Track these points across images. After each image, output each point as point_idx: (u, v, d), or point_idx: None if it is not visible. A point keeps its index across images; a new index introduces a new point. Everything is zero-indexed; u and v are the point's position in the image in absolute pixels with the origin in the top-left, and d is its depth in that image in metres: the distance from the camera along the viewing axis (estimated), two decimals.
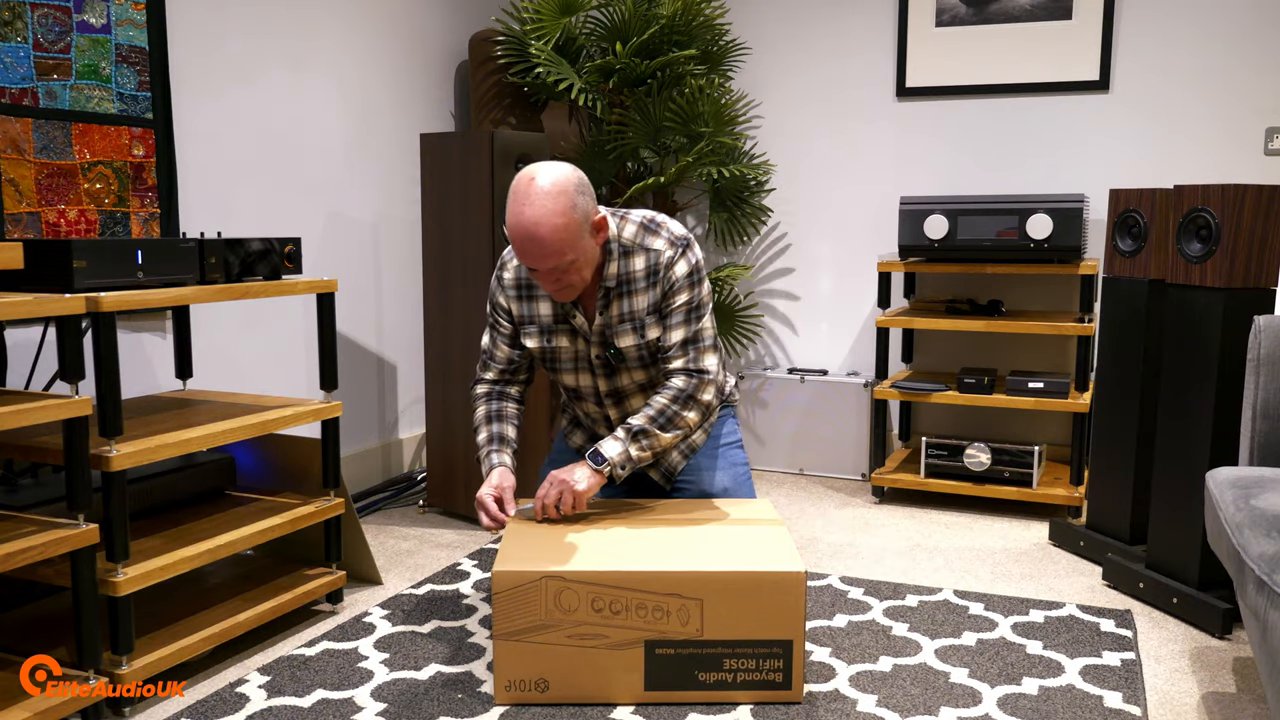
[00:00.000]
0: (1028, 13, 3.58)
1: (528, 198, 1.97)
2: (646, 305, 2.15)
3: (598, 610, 1.95)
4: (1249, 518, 1.74)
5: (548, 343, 2.23)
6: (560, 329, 2.21)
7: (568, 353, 2.23)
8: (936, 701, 2.01)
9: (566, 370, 2.26)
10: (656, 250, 2.13)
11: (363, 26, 3.35)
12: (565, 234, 1.98)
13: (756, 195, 3.82)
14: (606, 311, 2.16)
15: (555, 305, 2.20)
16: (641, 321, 2.16)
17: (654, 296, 2.15)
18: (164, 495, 2.37)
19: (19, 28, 2.32)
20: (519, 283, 2.23)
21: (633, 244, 2.14)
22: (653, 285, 2.15)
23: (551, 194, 1.97)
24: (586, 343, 2.21)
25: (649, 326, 2.16)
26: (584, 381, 2.27)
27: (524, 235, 1.97)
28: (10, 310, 1.74)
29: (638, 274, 2.14)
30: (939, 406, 3.81)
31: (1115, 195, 2.82)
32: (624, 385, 2.25)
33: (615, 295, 2.15)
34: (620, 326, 2.17)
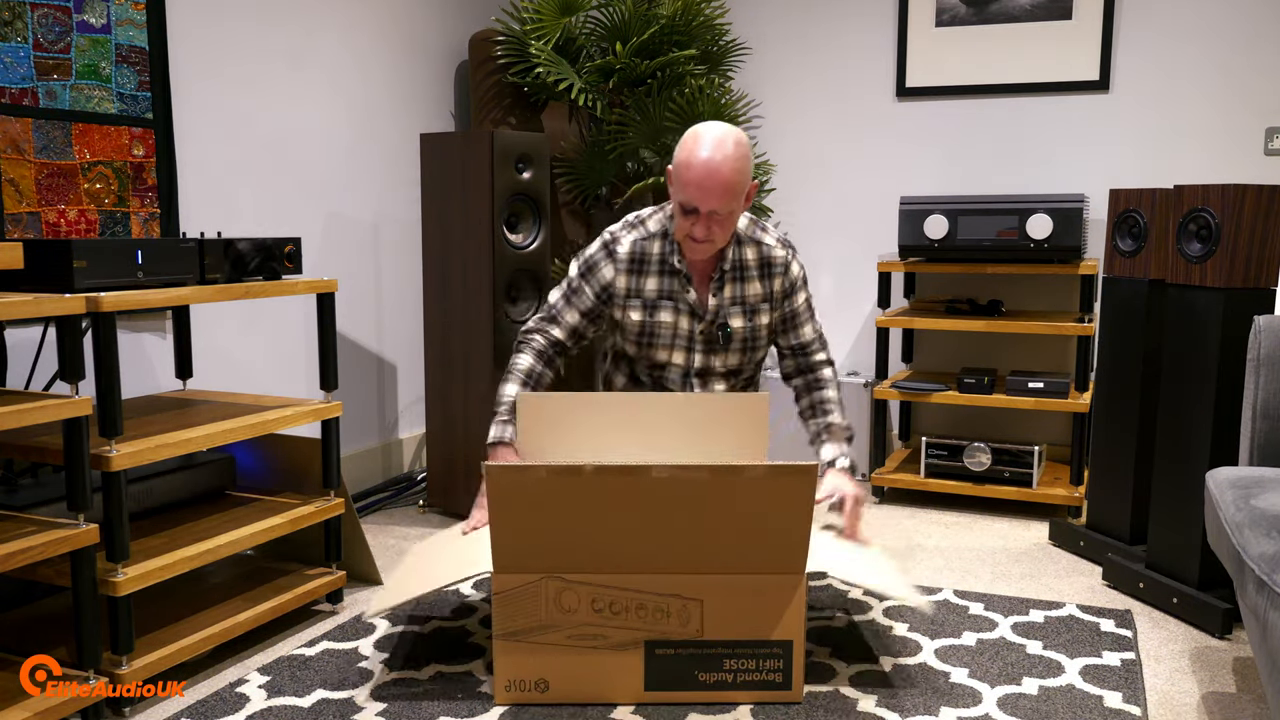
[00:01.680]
0: (1027, 13, 3.58)
1: (711, 143, 2.11)
2: (759, 293, 2.31)
3: (598, 610, 1.95)
4: (1249, 518, 1.74)
5: (650, 317, 2.30)
6: (664, 304, 2.29)
7: (668, 328, 2.30)
8: (936, 701, 2.01)
9: (662, 346, 2.32)
10: (769, 245, 2.31)
11: (363, 26, 3.35)
12: (740, 178, 2.13)
13: (756, 195, 3.82)
14: (720, 293, 2.29)
15: (663, 281, 2.29)
16: (754, 307, 2.31)
17: (767, 288, 2.31)
18: (164, 495, 2.37)
19: (19, 28, 2.32)
20: (634, 255, 2.29)
21: (745, 235, 2.30)
22: (766, 277, 2.31)
23: (734, 141, 2.13)
24: (695, 319, 2.30)
25: (760, 313, 2.32)
26: (677, 358, 2.33)
27: (707, 169, 2.09)
28: (10, 310, 1.74)
29: (750, 262, 2.30)
30: (939, 406, 3.81)
31: (1115, 195, 2.82)
32: (715, 365, 2.34)
33: (730, 279, 2.29)
34: (732, 309, 2.30)
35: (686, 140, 2.14)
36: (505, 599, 1.94)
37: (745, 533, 1.91)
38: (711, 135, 2.12)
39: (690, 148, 2.12)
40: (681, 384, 2.35)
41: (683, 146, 2.14)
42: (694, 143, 2.12)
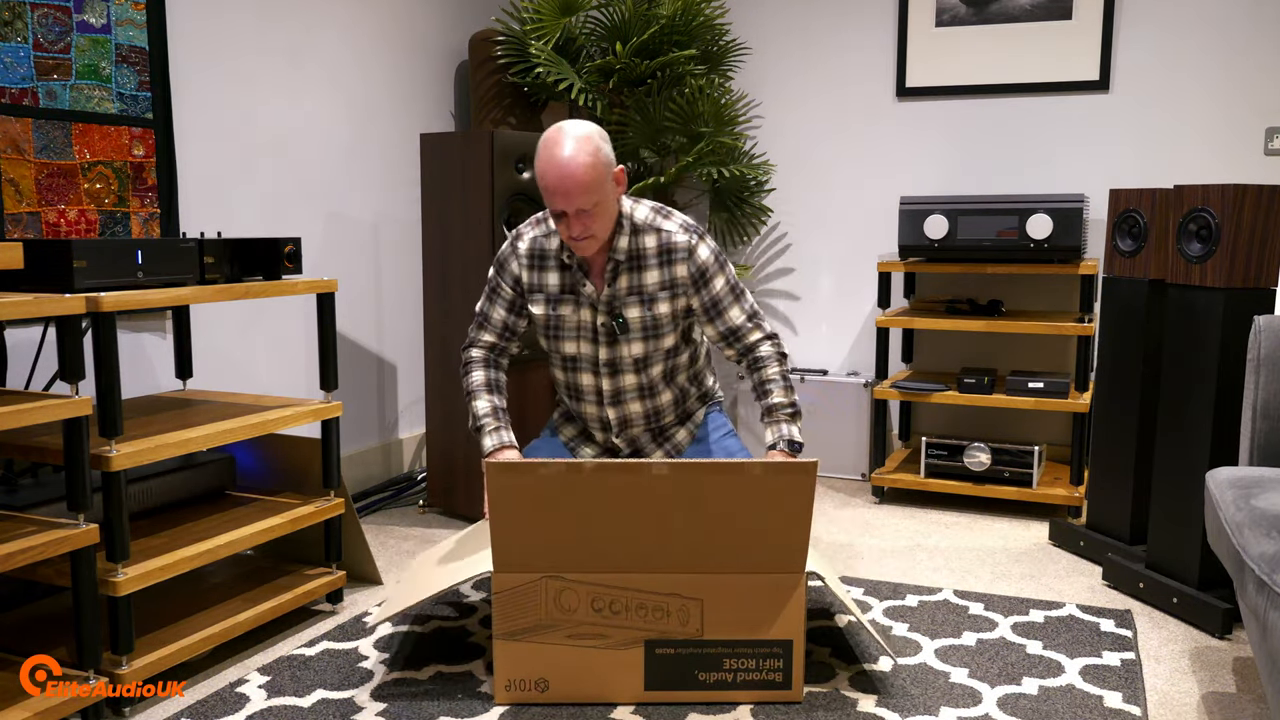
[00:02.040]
0: (1028, 13, 3.58)
1: (558, 142, 2.11)
2: (657, 281, 2.26)
3: (597, 610, 1.95)
4: (1249, 518, 1.74)
5: (553, 310, 2.31)
6: (566, 298, 2.30)
7: (570, 321, 2.31)
8: (936, 701, 2.01)
9: (568, 338, 2.33)
10: (669, 231, 2.25)
11: (363, 26, 3.35)
12: (594, 172, 2.10)
13: (756, 195, 3.82)
14: (615, 283, 2.26)
15: (562, 276, 2.29)
16: (651, 296, 2.26)
17: (667, 275, 2.25)
18: (164, 495, 2.37)
19: (19, 28, 2.32)
20: (534, 252, 2.30)
21: (645, 224, 2.26)
22: (666, 264, 2.25)
23: (580, 137, 2.11)
24: (593, 311, 2.28)
25: (659, 301, 2.26)
26: (584, 349, 2.33)
27: (558, 173, 2.09)
28: (10, 310, 1.74)
29: (648, 251, 2.25)
30: (939, 406, 3.81)
31: (1115, 195, 2.82)
32: (622, 356, 2.31)
33: (624, 269, 2.25)
34: (628, 298, 2.27)
35: (538, 147, 2.14)
36: (505, 598, 1.94)
37: (745, 531, 1.91)
38: (558, 136, 2.11)
39: (541, 155, 2.12)
40: (593, 375, 2.34)
41: (536, 154, 2.14)
42: (543, 149, 2.12)
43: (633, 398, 2.35)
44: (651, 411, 2.39)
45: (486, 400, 2.31)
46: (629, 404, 2.36)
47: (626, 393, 2.35)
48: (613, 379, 2.33)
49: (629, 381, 2.34)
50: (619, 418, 2.37)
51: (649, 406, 2.38)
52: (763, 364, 2.29)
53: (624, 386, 2.34)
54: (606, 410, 2.36)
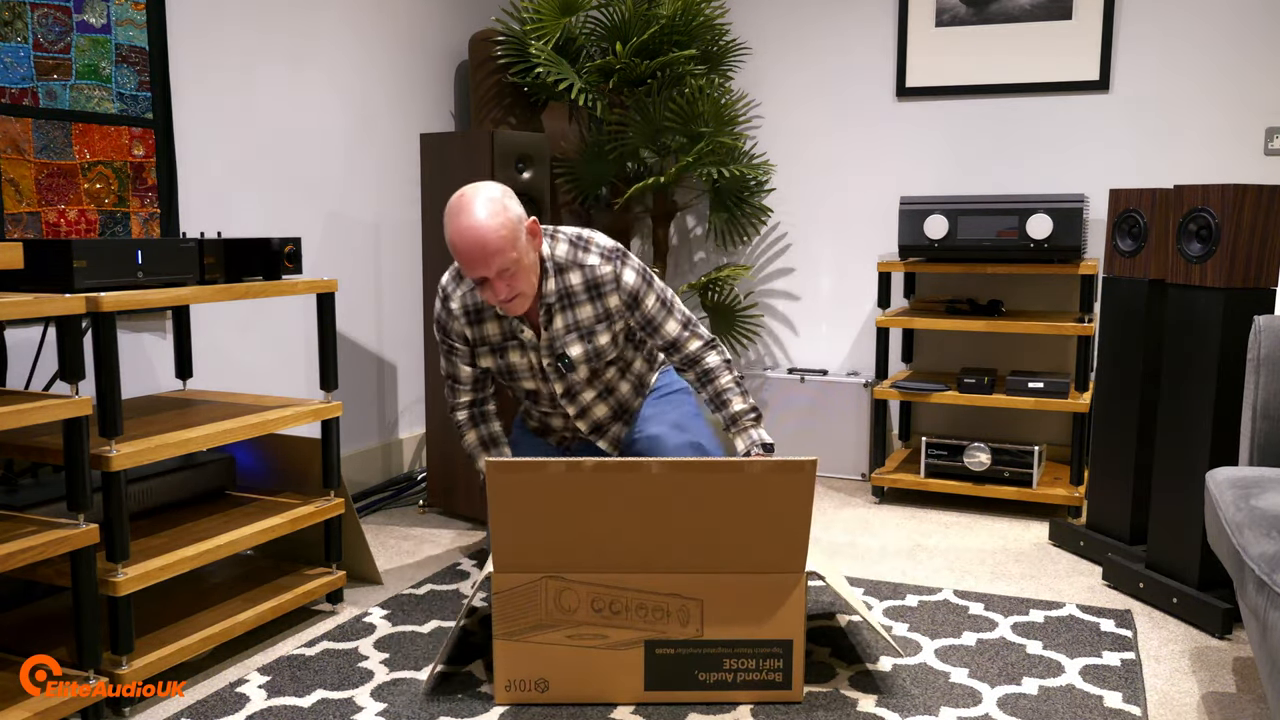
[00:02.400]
0: (1027, 13, 3.58)
1: (464, 209, 2.11)
2: (592, 315, 2.31)
3: (597, 610, 1.95)
4: (1249, 518, 1.74)
5: (501, 359, 2.38)
6: (510, 345, 2.36)
7: (522, 364, 2.38)
8: (936, 701, 2.01)
9: (524, 379, 2.41)
10: (591, 266, 2.28)
11: (363, 26, 3.35)
12: (505, 232, 2.10)
13: (756, 195, 3.82)
14: (551, 325, 2.31)
15: (502, 324, 2.34)
16: (590, 330, 2.32)
17: (600, 308, 2.30)
18: (164, 495, 2.37)
19: (19, 28, 2.32)
20: (466, 309, 2.34)
21: (566, 261, 2.28)
22: (596, 298, 2.29)
23: (484, 201, 2.12)
24: (536, 354, 2.35)
25: (598, 334, 2.32)
26: (542, 387, 2.41)
27: (470, 241, 2.09)
28: (10, 310, 1.74)
29: (576, 288, 2.29)
30: (939, 406, 3.81)
31: (1115, 195, 2.82)
32: (575, 382, 2.40)
33: (557, 309, 2.30)
34: (567, 337, 2.32)
35: (447, 218, 2.13)
36: (505, 599, 1.94)
37: (745, 530, 1.91)
38: (463, 203, 2.11)
39: (451, 226, 2.11)
40: (552, 406, 2.44)
41: (447, 226, 2.13)
42: (452, 219, 2.11)
43: (595, 402, 2.45)
44: (616, 405, 2.48)
45: (483, 453, 2.47)
46: (594, 410, 2.46)
47: (589, 403, 2.45)
48: (573, 400, 2.43)
49: (589, 395, 2.44)
50: (589, 424, 2.47)
51: (612, 403, 2.47)
52: (713, 375, 2.33)
53: (586, 400, 2.44)
54: (575, 423, 2.47)
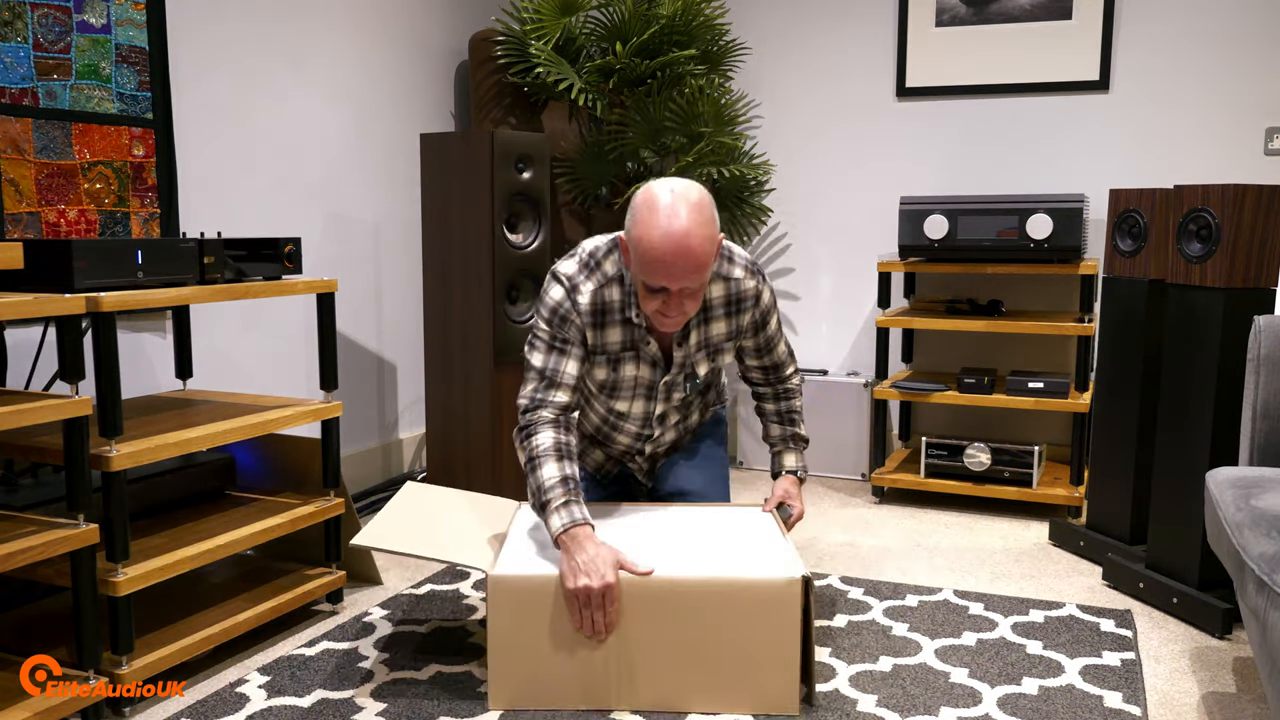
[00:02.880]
0: (1027, 13, 3.58)
1: (675, 212, 1.85)
2: (724, 332, 2.15)
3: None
4: (1249, 518, 1.74)
5: (615, 372, 2.12)
6: (627, 357, 2.11)
7: (630, 380, 2.14)
8: (936, 701, 2.01)
9: (623, 398, 2.17)
10: (737, 279, 2.11)
11: (363, 26, 3.35)
12: (712, 247, 1.90)
13: (756, 195, 3.82)
14: (685, 343, 2.11)
15: (625, 333, 2.08)
16: (718, 347, 2.17)
17: (734, 325, 2.15)
18: (164, 495, 2.37)
19: (19, 28, 2.32)
20: (596, 308, 2.05)
21: (713, 272, 2.07)
22: (734, 314, 2.14)
23: (699, 206, 1.88)
24: (656, 368, 2.14)
25: (724, 352, 2.20)
26: (637, 409, 2.20)
27: (676, 249, 1.84)
28: (10, 310, 1.74)
29: (716, 301, 2.11)
30: (939, 406, 3.81)
31: (1115, 195, 2.82)
32: (673, 402, 2.24)
33: (694, 324, 2.10)
34: (698, 355, 2.16)
35: (642, 209, 1.87)
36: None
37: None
38: (674, 203, 1.85)
39: (651, 223, 1.85)
40: (640, 428, 2.26)
41: (640, 218, 1.87)
42: (653, 216, 1.85)
43: (670, 429, 2.33)
44: (684, 432, 2.39)
45: (555, 467, 1.95)
46: (665, 434, 2.33)
47: (667, 427, 2.32)
48: (659, 425, 2.29)
49: (671, 420, 2.31)
50: (653, 449, 2.35)
51: (683, 429, 2.38)
52: (793, 395, 2.36)
53: (670, 423, 2.32)
54: (644, 445, 2.33)
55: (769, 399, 2.38)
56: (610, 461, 2.42)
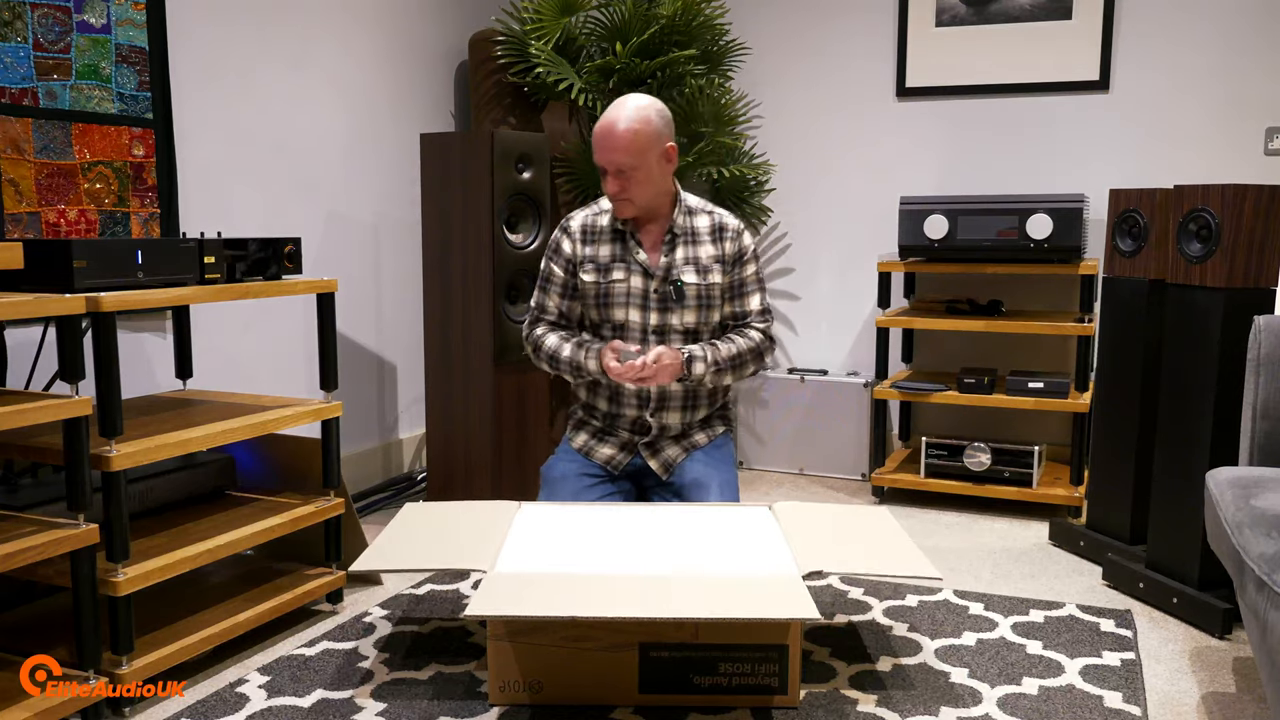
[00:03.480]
0: (1028, 13, 3.58)
1: (619, 104, 2.30)
2: (711, 254, 2.42)
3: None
4: (1249, 518, 1.74)
5: (604, 277, 2.40)
6: (617, 265, 2.40)
7: (621, 287, 2.39)
8: (936, 701, 2.01)
9: (618, 304, 2.40)
10: (720, 214, 2.46)
11: (363, 26, 3.35)
12: (638, 139, 2.27)
13: (756, 195, 3.82)
14: (671, 254, 2.40)
15: (615, 246, 2.41)
16: (707, 266, 2.40)
17: (720, 250, 2.42)
18: (164, 495, 2.37)
19: (19, 28, 2.32)
20: (585, 228, 2.43)
21: (697, 207, 2.46)
22: (718, 240, 2.43)
23: (638, 106, 2.30)
24: (646, 277, 2.38)
25: (713, 271, 2.40)
26: (634, 316, 2.39)
27: (605, 130, 2.28)
28: (10, 310, 1.74)
29: (702, 229, 2.43)
30: (939, 406, 3.81)
31: (1115, 195, 2.82)
32: (671, 324, 2.39)
33: (680, 242, 2.41)
34: (685, 266, 2.39)
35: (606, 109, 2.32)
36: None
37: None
38: (622, 100, 2.30)
39: (602, 116, 2.31)
40: (641, 341, 2.39)
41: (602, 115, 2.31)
42: (603, 113, 2.31)
43: (673, 407, 2.40)
44: (689, 393, 2.42)
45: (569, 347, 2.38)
46: (668, 413, 2.40)
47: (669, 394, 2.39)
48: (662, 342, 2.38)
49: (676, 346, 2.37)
50: (659, 393, 2.40)
51: (689, 418, 2.43)
52: (742, 333, 2.42)
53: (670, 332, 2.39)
54: (648, 415, 2.39)
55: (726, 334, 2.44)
56: (621, 452, 2.44)
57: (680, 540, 2.09)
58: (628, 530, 2.14)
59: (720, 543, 2.08)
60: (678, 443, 2.44)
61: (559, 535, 2.12)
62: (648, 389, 2.39)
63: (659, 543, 2.07)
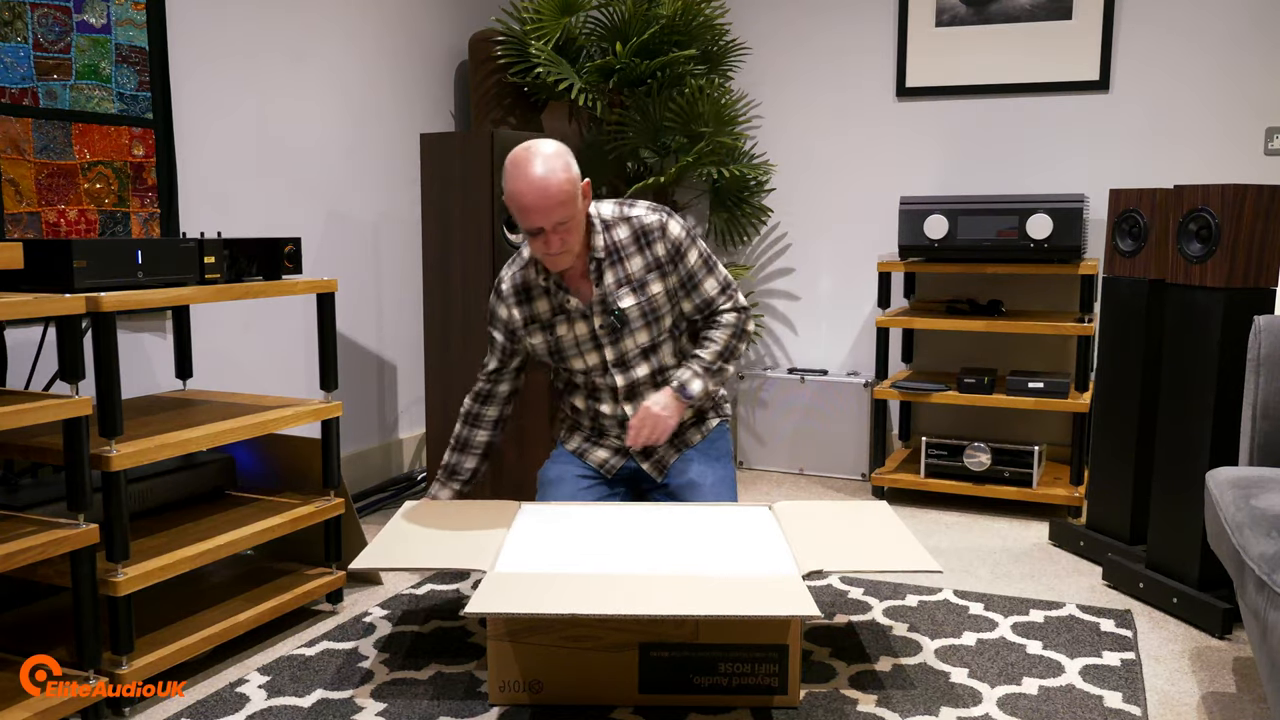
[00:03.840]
0: (1028, 13, 3.58)
1: (530, 161, 2.13)
2: (641, 266, 2.30)
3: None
4: (1249, 518, 1.74)
5: (551, 335, 2.35)
6: (559, 319, 2.34)
7: (569, 339, 2.34)
8: (936, 701, 2.01)
9: (574, 355, 2.35)
10: (638, 216, 2.31)
11: (363, 26, 3.35)
12: (569, 187, 2.14)
13: (756, 195, 3.82)
14: (601, 282, 2.29)
15: (550, 299, 2.33)
16: (641, 281, 2.30)
17: (650, 257, 2.30)
18: (164, 495, 2.37)
19: (19, 28, 2.32)
20: (516, 288, 2.36)
21: (613, 218, 2.31)
22: (645, 247, 2.30)
23: (550, 155, 2.15)
24: (587, 319, 2.31)
25: (649, 284, 2.30)
26: (592, 360, 2.35)
27: (536, 192, 2.11)
28: (10, 310, 1.74)
29: (625, 241, 2.30)
30: (939, 406, 3.81)
31: (1115, 195, 2.82)
32: (628, 350, 2.33)
33: (607, 264, 2.29)
34: (619, 291, 2.30)
35: (508, 168, 2.16)
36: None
37: None
38: (528, 156, 2.13)
39: (514, 175, 2.14)
40: (604, 376, 2.36)
41: (507, 175, 2.16)
42: (515, 169, 2.14)
43: (646, 387, 2.37)
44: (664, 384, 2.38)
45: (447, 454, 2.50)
46: (643, 396, 2.37)
47: (640, 384, 2.37)
48: (625, 374, 2.35)
49: (641, 373, 2.36)
50: (627, 384, 2.37)
51: (660, 381, 2.39)
52: (715, 325, 2.35)
53: (637, 379, 2.36)
54: (623, 406, 2.38)
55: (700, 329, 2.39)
56: (615, 455, 2.43)
57: (681, 540, 2.09)
58: (628, 530, 2.14)
59: (721, 543, 2.08)
60: (669, 442, 2.43)
61: (559, 535, 2.12)
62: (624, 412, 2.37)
63: (659, 542, 2.07)
